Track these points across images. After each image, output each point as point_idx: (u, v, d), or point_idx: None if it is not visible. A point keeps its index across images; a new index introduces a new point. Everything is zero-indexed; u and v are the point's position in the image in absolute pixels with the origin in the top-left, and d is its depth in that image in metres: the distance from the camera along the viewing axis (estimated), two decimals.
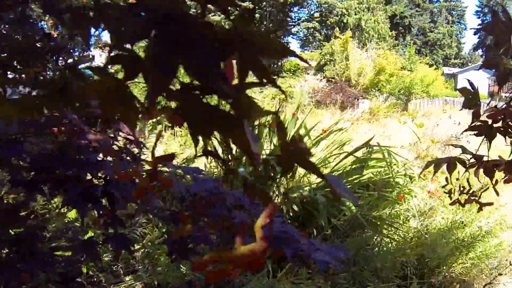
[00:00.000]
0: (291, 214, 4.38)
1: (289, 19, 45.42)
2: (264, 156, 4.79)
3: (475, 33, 63.33)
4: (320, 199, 3.80)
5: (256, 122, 5.20)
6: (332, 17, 40.18)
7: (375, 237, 3.96)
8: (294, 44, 52.40)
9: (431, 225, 4.56)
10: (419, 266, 3.94)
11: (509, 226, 4.91)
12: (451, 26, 59.99)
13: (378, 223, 3.99)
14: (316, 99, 19.50)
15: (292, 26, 45.80)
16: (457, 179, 2.10)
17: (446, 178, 2.11)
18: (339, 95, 18.83)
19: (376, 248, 3.90)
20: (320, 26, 43.05)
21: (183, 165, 6.08)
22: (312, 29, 44.15)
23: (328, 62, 29.11)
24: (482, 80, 42.63)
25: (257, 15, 39.38)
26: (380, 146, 4.28)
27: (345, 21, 38.49)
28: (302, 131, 5.18)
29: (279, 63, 48.43)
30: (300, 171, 5.10)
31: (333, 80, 22.64)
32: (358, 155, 5.18)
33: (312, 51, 49.23)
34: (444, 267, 4.07)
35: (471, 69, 46.01)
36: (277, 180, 4.64)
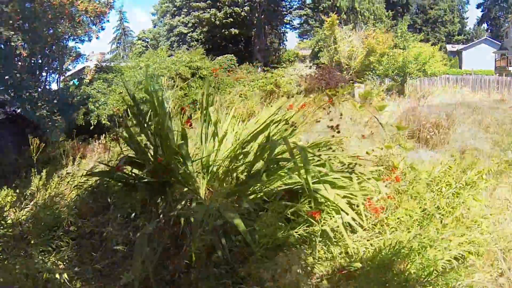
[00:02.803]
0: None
1: (282, 8, 44.25)
2: None
3: (477, 7, 61.15)
4: (195, 216, 2.67)
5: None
6: (324, 2, 38.68)
7: (276, 270, 2.77)
8: (292, 35, 51.29)
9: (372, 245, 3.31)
10: None
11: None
12: (452, 1, 57.58)
13: (285, 249, 2.79)
14: (304, 87, 18.35)
15: (285, 16, 44.70)
16: None
17: None
18: (325, 80, 17.54)
19: None
20: (313, 12, 41.63)
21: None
22: (305, 17, 42.83)
23: (322, 49, 27.83)
24: (488, 55, 40.91)
25: (246, 8, 38.36)
26: (287, 142, 3.02)
27: (338, 4, 36.96)
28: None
29: (277, 54, 47.44)
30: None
31: (322, 66, 21.36)
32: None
33: (310, 39, 48.00)
34: None
35: (476, 45, 44.19)
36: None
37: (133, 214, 4.12)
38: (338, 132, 4.27)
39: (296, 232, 2.95)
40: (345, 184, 3.50)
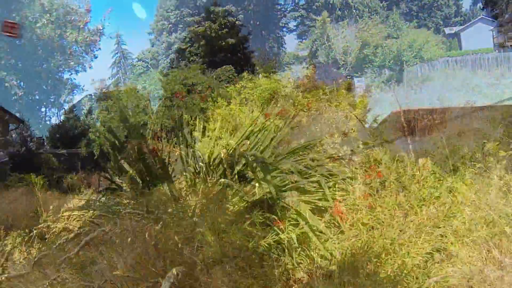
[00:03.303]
0: None
1: (276, 12, 44.45)
2: None
3: None
4: (175, 231, 2.80)
5: None
6: (317, 1, 38.76)
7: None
8: (291, 38, 51.23)
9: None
10: None
11: None
12: None
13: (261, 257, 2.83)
14: (302, 88, 18.28)
15: (280, 19, 44.94)
16: None
17: None
18: (321, 78, 17.53)
19: None
20: (307, 12, 41.75)
21: None
22: (299, 18, 43.00)
23: (319, 48, 27.87)
24: (485, 33, 40.52)
25: (241, 16, 38.61)
26: (246, 157, 3.08)
27: (331, 2, 36.99)
28: None
29: (277, 58, 47.55)
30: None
31: (318, 65, 21.38)
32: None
33: (310, 39, 48.08)
34: None
35: (472, 25, 43.82)
36: None
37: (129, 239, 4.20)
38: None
39: (264, 241, 2.98)
40: (314, 189, 3.52)
